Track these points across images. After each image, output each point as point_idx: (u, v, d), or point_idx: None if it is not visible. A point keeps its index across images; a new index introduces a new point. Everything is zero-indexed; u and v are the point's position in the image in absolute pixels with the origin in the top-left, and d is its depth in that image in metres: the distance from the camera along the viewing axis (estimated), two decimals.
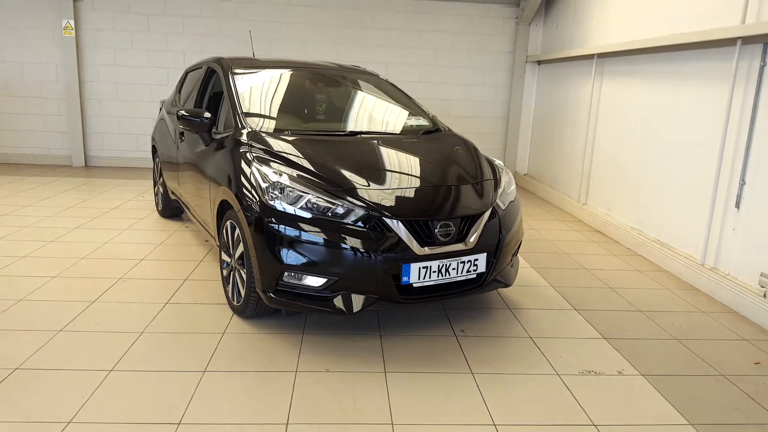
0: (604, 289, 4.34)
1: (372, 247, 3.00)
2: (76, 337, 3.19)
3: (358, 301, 3.05)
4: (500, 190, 3.58)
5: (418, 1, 8.58)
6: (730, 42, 4.30)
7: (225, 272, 3.72)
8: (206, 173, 3.94)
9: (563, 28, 7.84)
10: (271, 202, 3.11)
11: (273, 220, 3.08)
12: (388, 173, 3.37)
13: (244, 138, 3.62)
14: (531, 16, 8.49)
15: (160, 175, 5.70)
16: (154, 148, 5.92)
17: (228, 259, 3.65)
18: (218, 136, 3.93)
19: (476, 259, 3.27)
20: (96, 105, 8.72)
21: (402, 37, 8.69)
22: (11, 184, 7.24)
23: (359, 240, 3.01)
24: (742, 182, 4.22)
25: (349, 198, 3.08)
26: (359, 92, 4.64)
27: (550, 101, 8.31)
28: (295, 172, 3.22)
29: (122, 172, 8.38)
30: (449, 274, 3.18)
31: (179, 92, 5.51)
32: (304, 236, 3.03)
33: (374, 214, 3.04)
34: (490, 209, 3.38)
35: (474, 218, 3.28)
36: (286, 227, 3.05)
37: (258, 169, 3.28)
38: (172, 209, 5.73)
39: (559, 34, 7.98)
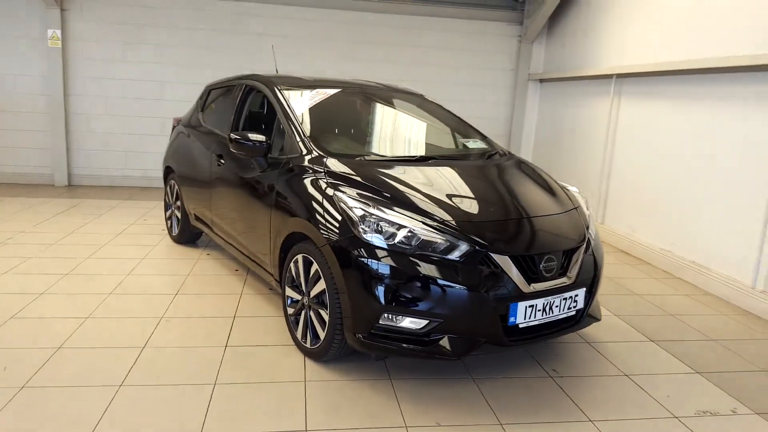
0: (667, 317, 4.22)
1: (480, 285, 2.77)
2: (141, 394, 2.81)
3: (463, 344, 2.80)
4: (589, 219, 3.41)
5: (422, 17, 8.43)
6: None
7: (291, 310, 3.40)
8: (264, 202, 3.61)
9: (572, 47, 7.83)
10: (367, 237, 2.84)
11: (370, 256, 2.80)
12: (481, 203, 3.14)
13: (317, 165, 3.33)
14: (535, 34, 8.46)
15: (177, 198, 5.30)
16: (168, 169, 5.51)
17: (296, 296, 3.34)
18: (279, 162, 3.61)
19: (576, 295, 3.07)
20: (82, 120, 8.16)
21: (404, 52, 8.52)
22: None
23: (467, 278, 2.76)
24: None
25: (452, 232, 2.84)
26: (411, 113, 4.41)
27: (554, 120, 8.28)
28: (387, 204, 2.96)
29: (111, 192, 7.85)
30: (552, 312, 2.98)
31: (202, 110, 5.14)
32: (406, 274, 2.77)
33: (480, 249, 2.81)
34: (587, 240, 3.20)
35: (573, 251, 3.09)
36: (386, 264, 2.78)
37: (345, 200, 3.00)
38: (189, 235, 5.33)
39: (567, 53, 7.97)
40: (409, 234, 2.81)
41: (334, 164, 3.30)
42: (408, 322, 2.80)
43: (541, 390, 3.06)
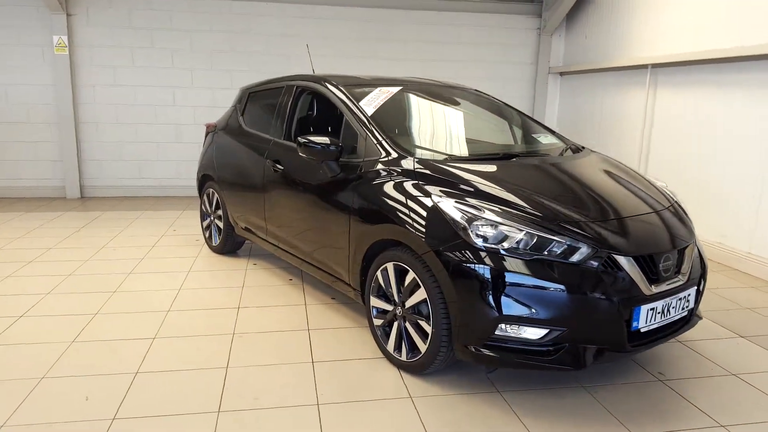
0: (745, 311, 4.11)
1: (605, 290, 2.60)
2: (247, 420, 2.60)
3: (587, 353, 2.63)
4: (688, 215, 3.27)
5: (437, 12, 8.26)
6: None
7: (379, 321, 3.20)
8: (340, 208, 3.41)
9: (595, 38, 7.71)
10: (478, 242, 2.65)
11: (484, 262, 2.62)
12: (587, 201, 2.97)
13: (404, 167, 3.14)
14: (555, 26, 8.34)
15: (217, 207, 5.06)
16: (204, 177, 5.27)
17: (385, 306, 3.14)
18: (353, 165, 3.41)
19: (689, 294, 2.93)
20: (92, 129, 7.86)
21: (420, 49, 8.34)
22: (10, 222, 6.33)
23: (590, 282, 2.60)
24: None
25: (570, 233, 2.66)
26: (476, 109, 4.23)
27: (576, 113, 8.16)
28: (495, 206, 2.78)
29: (127, 204, 7.56)
30: (669, 314, 2.83)
31: (242, 114, 4.91)
32: (525, 280, 2.59)
33: (602, 251, 2.64)
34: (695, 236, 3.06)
35: (685, 248, 2.94)
36: (503, 271, 2.60)
37: (448, 203, 2.81)
38: (233, 245, 5.10)
39: (591, 45, 7.85)
40: (525, 237, 2.64)
41: (425, 166, 3.11)
42: (527, 332, 2.63)
43: (657, 394, 2.91)
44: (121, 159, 7.98)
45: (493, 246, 2.64)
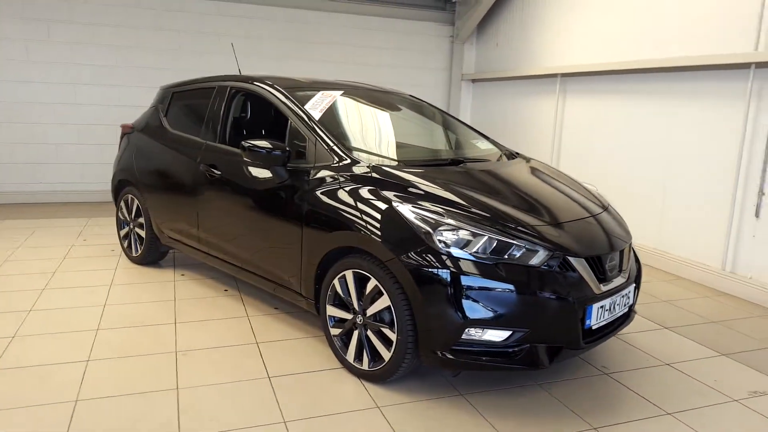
0: (663, 304, 4.46)
1: (562, 290, 2.72)
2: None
3: (547, 352, 2.74)
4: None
5: (360, 16, 8.27)
6: (743, 66, 4.69)
7: (336, 330, 3.14)
8: (290, 216, 3.30)
9: (507, 47, 8.07)
10: (443, 247, 2.68)
11: (450, 268, 2.65)
12: (540, 206, 3.08)
13: (361, 173, 3.10)
14: (467, 35, 8.63)
15: (138, 214, 4.73)
16: (121, 183, 4.91)
17: (343, 315, 3.09)
18: (301, 171, 3.32)
19: (629, 291, 3.14)
20: None
21: (341, 52, 8.30)
22: None
23: (549, 284, 2.71)
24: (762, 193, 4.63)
25: (528, 237, 2.76)
26: (417, 116, 4.27)
27: (488, 117, 8.52)
28: (455, 211, 2.81)
29: (23, 211, 6.86)
30: (614, 311, 3.01)
31: (165, 114, 4.63)
32: (489, 284, 2.65)
33: (558, 253, 2.76)
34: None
35: (623, 249, 3.14)
36: (469, 276, 2.64)
37: (411, 209, 2.81)
38: (156, 255, 4.80)
39: (502, 54, 8.20)
40: (487, 241, 2.70)
41: (380, 172, 3.09)
42: (491, 335, 2.69)
43: (605, 387, 3.08)
44: (12, 162, 7.24)
45: (457, 251, 2.67)
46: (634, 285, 3.20)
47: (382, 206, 2.90)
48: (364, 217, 2.93)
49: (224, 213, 3.82)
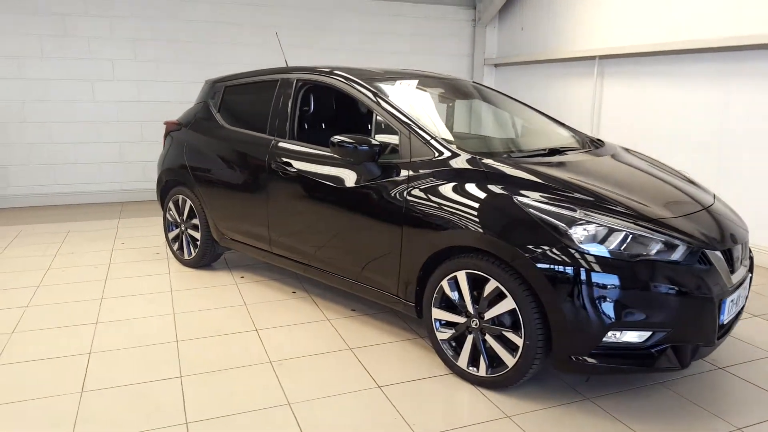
0: None
1: (704, 286, 2.57)
2: None
3: (687, 351, 2.60)
4: None
5: (376, 1, 8.00)
6: None
7: (446, 335, 2.97)
8: (387, 214, 3.11)
9: (533, 30, 7.88)
10: (581, 244, 2.51)
11: (588, 267, 2.49)
12: (660, 197, 2.92)
13: (471, 167, 2.91)
14: (489, 18, 8.43)
15: (190, 215, 4.50)
16: (170, 183, 4.67)
17: (454, 319, 2.92)
18: (394, 166, 3.13)
19: (747, 284, 3.00)
20: None
21: (358, 39, 8.05)
22: None
23: (691, 280, 2.55)
24: None
25: (664, 231, 2.60)
26: (493, 104, 4.07)
27: None
28: (587, 205, 2.64)
29: (46, 214, 6.56)
30: (738, 305, 2.88)
31: (218, 110, 4.39)
32: (632, 283, 2.50)
33: (696, 247, 2.61)
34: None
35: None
36: (609, 275, 2.48)
37: (539, 204, 2.64)
38: (211, 257, 4.58)
39: (527, 37, 8.01)
40: (626, 237, 2.54)
41: (491, 164, 2.90)
42: (630, 336, 2.54)
43: (728, 384, 2.97)
44: (30, 163, 6.92)
45: (595, 248, 2.51)
46: (750, 276, 3.07)
47: (503, 202, 2.72)
48: (482, 214, 2.75)
49: (301, 212, 3.61)
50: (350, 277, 3.44)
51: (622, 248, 2.52)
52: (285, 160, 3.67)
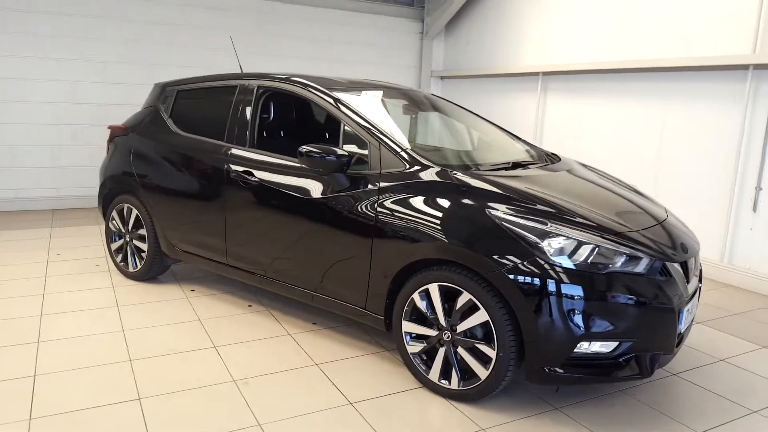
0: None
1: (665, 297, 2.68)
2: None
3: (650, 360, 2.70)
4: None
5: (330, 10, 7.96)
6: (742, 67, 4.90)
7: (416, 348, 2.95)
8: (355, 227, 3.06)
9: (479, 45, 8.06)
10: (554, 258, 2.56)
11: (560, 280, 2.54)
12: (624, 211, 3.03)
13: (437, 178, 2.91)
14: (437, 32, 8.56)
15: (137, 225, 4.27)
16: (113, 191, 4.43)
17: (423, 331, 2.90)
18: (362, 178, 3.09)
19: (698, 294, 3.16)
20: None
21: (311, 47, 7.97)
22: None
23: (654, 291, 2.65)
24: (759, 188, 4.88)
25: (629, 243, 2.69)
26: (450, 116, 4.10)
27: None
28: (554, 218, 2.69)
29: None
30: (692, 314, 3.02)
31: (170, 115, 4.20)
32: (602, 295, 2.57)
33: (658, 259, 2.72)
34: None
35: None
36: (581, 287, 2.55)
37: (512, 217, 2.67)
38: (158, 269, 4.36)
39: (473, 51, 8.19)
40: (594, 249, 2.61)
41: (465, 178, 2.92)
42: (599, 347, 2.62)
43: (683, 389, 3.11)
44: None
45: (567, 261, 2.57)
46: (699, 287, 3.24)
47: (476, 214, 2.74)
48: (455, 227, 2.76)
49: (262, 223, 3.51)
50: (313, 289, 3.36)
51: (590, 261, 2.59)
52: (245, 168, 3.56)
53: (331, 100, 3.37)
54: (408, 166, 3.02)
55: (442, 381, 2.87)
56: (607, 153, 6.16)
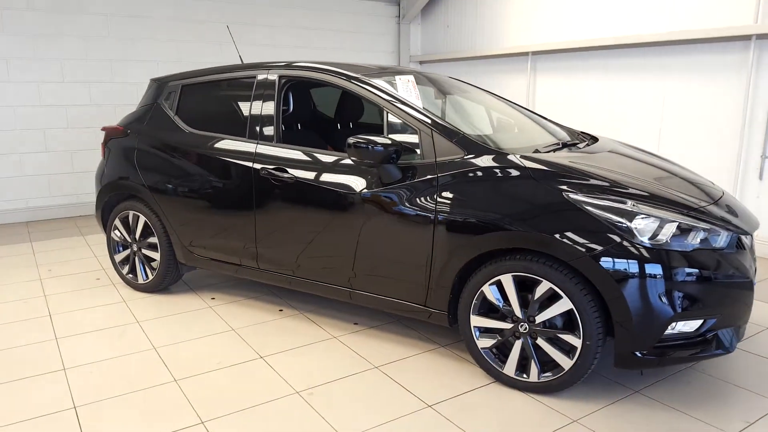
0: None
1: (744, 270, 2.64)
2: None
3: (732, 335, 2.66)
4: None
5: None
6: (744, 38, 4.95)
7: (487, 342, 2.81)
8: (414, 219, 2.88)
9: (460, 27, 7.94)
10: (643, 239, 2.47)
11: (652, 261, 2.45)
12: (687, 188, 2.94)
13: (502, 163, 2.77)
14: (413, 16, 8.39)
15: (145, 234, 3.97)
16: (113, 198, 4.10)
17: (495, 324, 2.77)
18: (413, 168, 2.92)
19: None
20: None
21: (289, 34, 7.67)
22: None
23: (736, 265, 2.61)
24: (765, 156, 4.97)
25: (707, 219, 2.63)
26: (476, 99, 3.95)
27: None
28: (636, 198, 2.59)
29: None
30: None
31: (176, 113, 3.90)
32: (689, 273, 2.49)
33: (734, 233, 2.66)
34: None
35: None
36: (668, 266, 2.46)
37: (594, 201, 2.55)
38: (172, 279, 4.07)
39: (454, 34, 8.07)
40: (678, 228, 2.53)
41: (528, 162, 2.78)
42: (685, 326, 2.55)
43: (698, 380, 3.08)
44: None
45: (653, 241, 2.47)
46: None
47: (553, 199, 2.61)
48: (532, 214, 2.62)
49: (300, 223, 3.28)
50: (358, 288, 3.17)
51: (675, 239, 2.50)
52: (277, 166, 3.31)
53: (371, 88, 3.17)
54: (466, 153, 2.86)
55: (519, 374, 2.75)
56: (604, 131, 6.15)
